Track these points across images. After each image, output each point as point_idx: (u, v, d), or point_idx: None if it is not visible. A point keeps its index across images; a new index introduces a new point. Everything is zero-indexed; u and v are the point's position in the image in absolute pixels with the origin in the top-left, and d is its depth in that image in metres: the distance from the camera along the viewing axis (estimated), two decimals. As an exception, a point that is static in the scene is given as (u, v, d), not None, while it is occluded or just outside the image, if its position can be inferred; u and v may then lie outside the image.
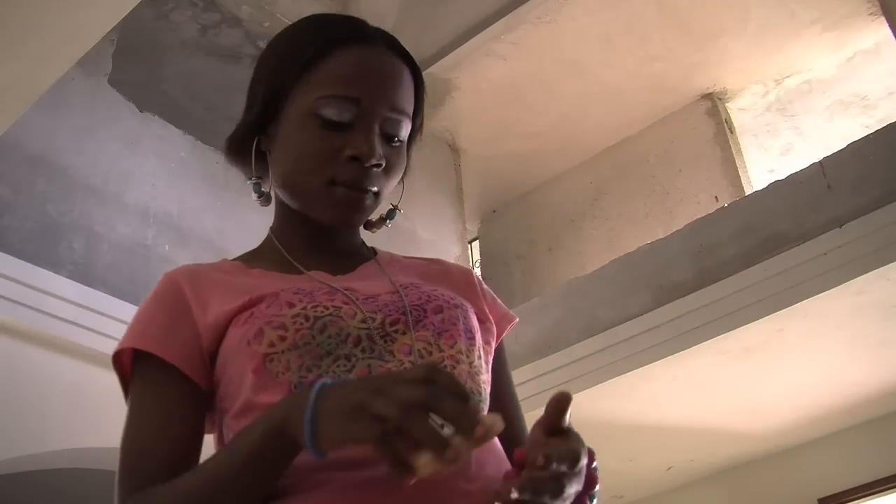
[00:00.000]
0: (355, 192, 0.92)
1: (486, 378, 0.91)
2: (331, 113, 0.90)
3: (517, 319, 1.04)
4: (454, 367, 0.87)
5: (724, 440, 3.84)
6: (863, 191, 2.99)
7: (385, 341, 0.86)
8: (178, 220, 3.53)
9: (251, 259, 1.00)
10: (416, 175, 1.17)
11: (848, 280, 2.90)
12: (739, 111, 5.04)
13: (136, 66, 4.55)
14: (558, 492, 0.71)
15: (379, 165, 0.91)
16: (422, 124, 1.01)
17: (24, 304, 2.78)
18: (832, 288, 2.93)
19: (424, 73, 1.02)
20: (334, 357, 0.83)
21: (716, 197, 4.57)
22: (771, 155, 5.34)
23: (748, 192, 4.41)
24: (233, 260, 1.00)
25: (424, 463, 0.66)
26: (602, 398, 3.39)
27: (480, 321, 0.96)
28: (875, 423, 3.79)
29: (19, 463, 2.80)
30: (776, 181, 3.36)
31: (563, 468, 0.72)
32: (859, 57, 4.76)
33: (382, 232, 1.08)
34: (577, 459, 0.73)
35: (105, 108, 3.50)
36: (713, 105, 4.94)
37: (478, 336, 0.93)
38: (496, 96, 4.80)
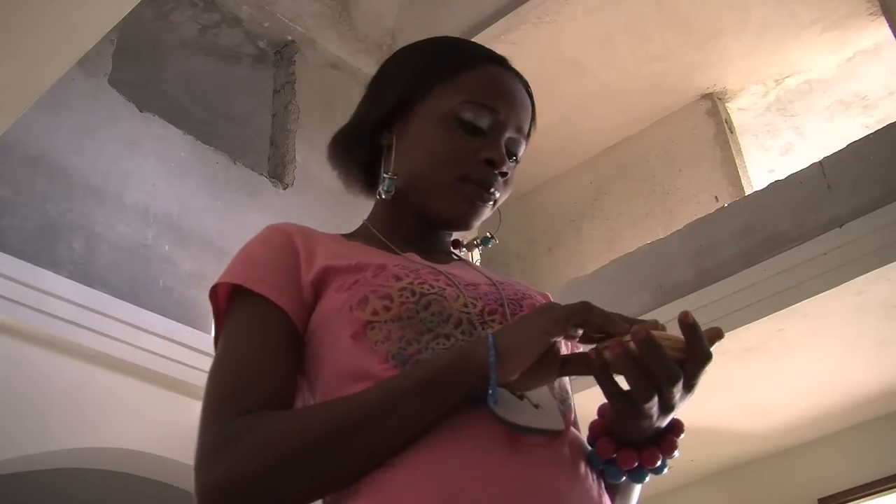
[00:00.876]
0: (483, 191, 0.97)
1: (569, 385, 0.95)
2: (471, 117, 0.97)
3: None
4: None
5: (724, 440, 3.84)
6: (863, 191, 2.99)
7: (482, 328, 0.88)
8: (178, 220, 3.53)
9: (354, 237, 1.03)
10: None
11: (848, 280, 2.90)
12: (739, 111, 5.04)
13: (136, 66, 4.55)
14: (673, 376, 0.75)
15: (505, 174, 0.98)
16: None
17: (24, 304, 2.78)
18: (832, 288, 2.93)
19: None
20: (434, 335, 0.85)
21: (716, 197, 4.57)
22: (771, 155, 5.34)
23: (748, 192, 4.41)
24: (346, 236, 1.04)
25: (611, 345, 0.75)
26: (602, 398, 3.38)
27: None
28: (875, 423, 3.78)
29: (19, 463, 2.80)
30: (776, 181, 3.36)
31: (699, 361, 0.76)
32: (859, 57, 4.76)
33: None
34: (705, 361, 0.76)
35: (105, 108, 3.50)
36: (713, 105, 4.94)
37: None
38: (496, 96, 4.79)
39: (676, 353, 0.76)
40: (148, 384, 3.06)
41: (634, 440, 0.83)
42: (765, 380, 3.43)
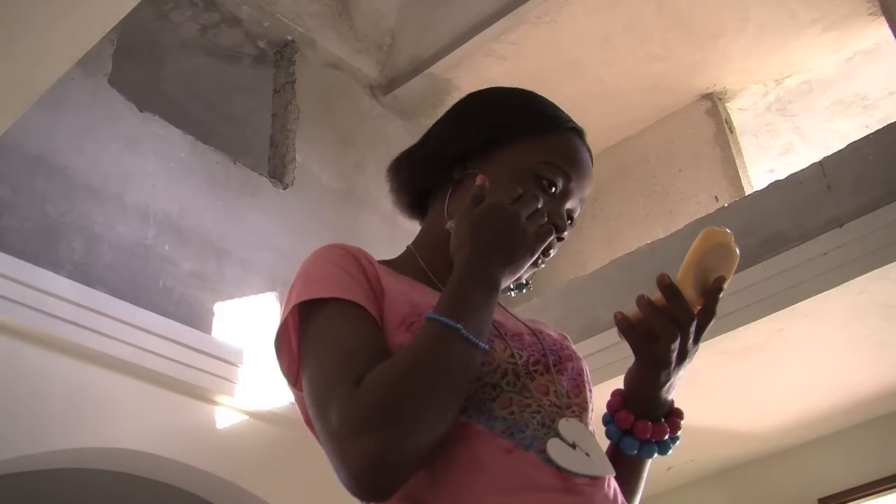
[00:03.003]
0: (546, 252, 1.05)
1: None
2: (548, 176, 1.03)
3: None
4: (580, 416, 0.96)
5: (724, 440, 3.84)
6: (863, 191, 2.99)
7: (527, 378, 0.94)
8: (178, 220, 3.53)
9: (395, 266, 1.05)
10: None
11: (848, 280, 2.90)
12: (739, 111, 5.04)
13: (136, 66, 4.55)
14: (689, 328, 0.94)
15: (562, 239, 1.06)
16: None
17: (24, 304, 2.78)
18: (832, 288, 2.93)
19: (424, 74, 1.08)
20: (482, 383, 0.90)
21: (716, 197, 4.57)
22: (771, 155, 5.33)
23: (748, 192, 4.41)
24: (384, 262, 1.05)
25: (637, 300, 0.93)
26: (602, 398, 3.38)
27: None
28: (875, 423, 3.78)
29: (19, 463, 2.79)
30: (776, 181, 3.36)
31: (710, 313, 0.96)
32: (859, 57, 4.76)
33: (384, 232, 1.11)
34: (711, 317, 0.97)
35: (105, 108, 3.50)
36: (713, 105, 4.93)
37: (592, 389, 1.05)
38: (496, 96, 4.79)
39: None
40: (148, 384, 3.06)
41: (648, 415, 1.00)
42: (765, 380, 3.43)
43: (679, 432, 1.02)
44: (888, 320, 3.12)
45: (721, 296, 0.96)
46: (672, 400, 1.03)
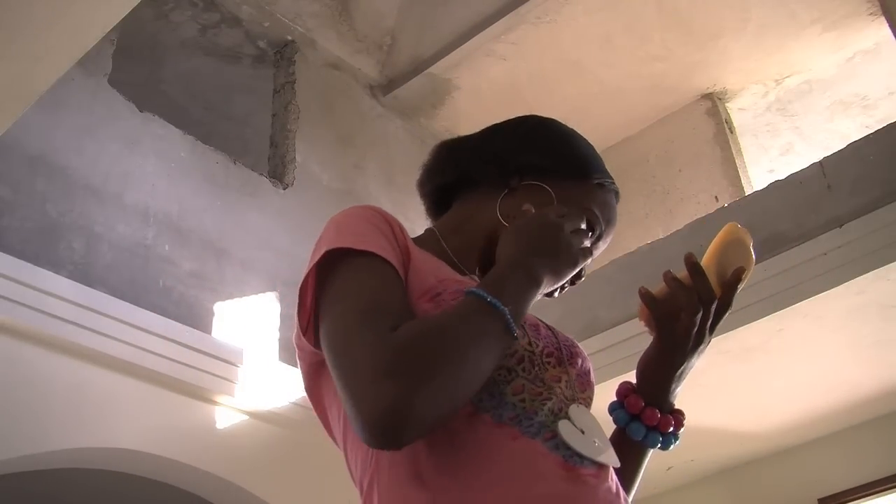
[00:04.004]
0: (572, 280, 1.07)
1: None
2: (592, 220, 1.12)
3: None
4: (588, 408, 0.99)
5: (724, 440, 3.84)
6: (863, 191, 2.99)
7: (541, 368, 0.95)
8: (178, 220, 3.53)
9: (420, 243, 1.05)
10: (417, 175, 1.19)
11: (848, 280, 2.90)
12: (739, 111, 5.04)
13: (136, 66, 4.55)
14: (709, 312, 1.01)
15: (581, 277, 1.08)
16: None
17: (24, 304, 2.78)
18: (832, 288, 2.93)
19: (424, 74, 1.10)
20: (498, 366, 0.90)
21: (716, 197, 4.57)
22: (771, 155, 5.33)
23: (748, 192, 4.41)
24: (414, 239, 1.07)
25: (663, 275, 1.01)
26: (601, 398, 3.38)
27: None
28: (875, 423, 3.78)
29: (19, 463, 2.79)
30: (776, 181, 3.36)
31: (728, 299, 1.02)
32: (859, 57, 4.76)
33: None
34: (727, 308, 1.04)
35: (105, 108, 3.50)
36: (713, 105, 4.93)
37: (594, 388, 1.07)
38: (496, 96, 4.79)
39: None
40: (148, 384, 3.06)
41: (657, 403, 1.05)
42: (765, 380, 3.43)
43: (681, 430, 1.06)
44: (888, 320, 3.12)
45: (741, 288, 1.01)
46: (674, 403, 1.08)
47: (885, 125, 3.25)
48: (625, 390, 1.07)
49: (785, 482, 3.95)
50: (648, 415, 1.04)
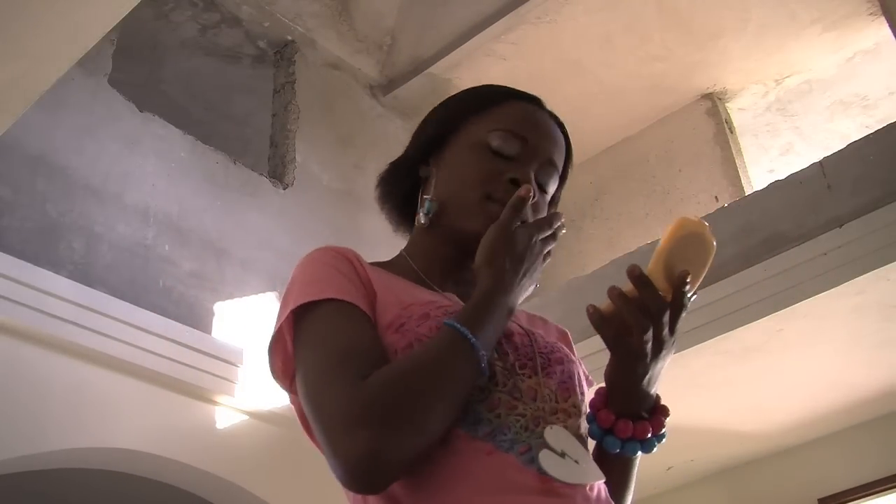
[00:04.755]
0: None
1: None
2: (500, 144, 1.03)
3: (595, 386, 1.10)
4: (566, 421, 0.94)
5: (724, 440, 3.84)
6: (863, 191, 2.99)
7: (516, 380, 0.93)
8: (178, 220, 3.53)
9: (394, 269, 1.05)
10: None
11: (848, 280, 2.90)
12: (739, 111, 5.04)
13: (136, 66, 4.55)
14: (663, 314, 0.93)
15: (532, 197, 0.99)
16: (558, 200, 1.15)
17: (24, 304, 2.78)
18: (832, 288, 2.93)
19: (424, 74, 1.09)
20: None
21: (716, 197, 4.57)
22: (771, 155, 5.33)
23: (748, 192, 4.41)
24: (376, 263, 1.06)
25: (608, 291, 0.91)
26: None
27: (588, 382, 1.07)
28: (875, 423, 3.78)
29: (19, 463, 2.79)
30: (776, 181, 3.35)
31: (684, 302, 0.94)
32: (859, 57, 4.76)
33: (384, 232, 1.12)
34: (681, 309, 0.95)
35: (105, 108, 3.50)
36: (713, 105, 4.93)
37: (586, 393, 1.03)
38: (496, 96, 4.79)
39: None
40: (148, 384, 3.06)
41: (630, 412, 0.97)
42: (765, 380, 3.43)
43: (663, 430, 0.99)
44: (888, 320, 3.12)
45: (689, 288, 0.94)
46: (657, 396, 1.01)
47: (885, 125, 3.25)
48: (597, 401, 1.00)
49: (785, 482, 3.95)
50: (621, 428, 0.97)
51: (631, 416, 0.98)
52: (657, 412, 0.99)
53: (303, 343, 0.92)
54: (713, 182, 4.69)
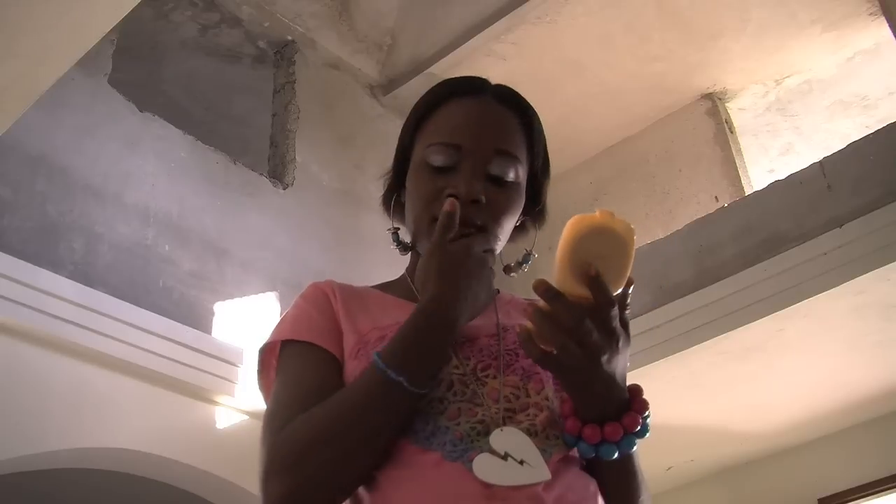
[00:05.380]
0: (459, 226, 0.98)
1: None
2: (436, 159, 1.00)
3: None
4: (537, 415, 0.92)
5: (724, 440, 3.84)
6: (863, 191, 2.99)
7: (477, 385, 0.92)
8: (178, 220, 3.53)
9: (388, 289, 1.08)
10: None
11: (848, 280, 2.90)
12: (739, 111, 5.04)
13: (136, 66, 4.55)
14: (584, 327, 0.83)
15: (477, 202, 0.98)
16: (547, 166, 1.11)
17: (24, 304, 2.78)
18: (832, 288, 2.93)
19: (424, 73, 1.08)
20: (428, 399, 0.90)
21: (716, 197, 4.57)
22: (771, 155, 5.33)
23: (748, 192, 4.41)
24: (376, 287, 1.09)
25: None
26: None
27: None
28: (875, 423, 3.78)
29: (19, 463, 2.79)
30: (776, 181, 3.36)
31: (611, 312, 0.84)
32: (859, 57, 4.76)
33: (384, 232, 1.12)
34: (606, 305, 0.84)
35: (105, 108, 3.50)
36: (713, 105, 4.93)
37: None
38: (496, 96, 4.79)
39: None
40: (148, 384, 3.06)
41: (597, 416, 0.89)
42: (765, 380, 3.43)
43: (640, 427, 0.91)
44: (888, 320, 3.12)
45: (614, 281, 0.85)
46: (636, 388, 0.93)
47: (885, 125, 3.26)
48: (565, 411, 0.93)
49: (785, 482, 3.95)
50: (588, 434, 0.90)
51: (599, 420, 0.90)
52: (631, 409, 0.91)
53: (264, 388, 1.01)
54: (713, 182, 4.69)
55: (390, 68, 4.91)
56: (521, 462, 0.87)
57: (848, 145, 3.20)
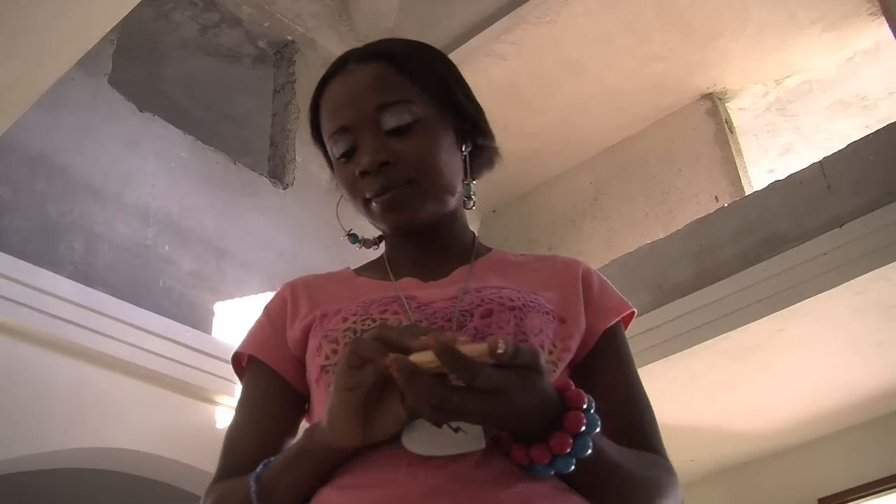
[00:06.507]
0: (384, 197, 0.96)
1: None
2: (337, 150, 0.99)
3: (633, 310, 1.01)
4: None
5: (724, 440, 3.84)
6: (863, 191, 2.99)
7: None
8: (178, 220, 3.53)
9: (363, 270, 1.08)
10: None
11: (848, 280, 2.90)
12: (739, 111, 5.04)
13: (136, 66, 4.55)
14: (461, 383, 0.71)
15: (386, 163, 0.95)
16: (452, 79, 1.03)
17: (24, 304, 2.78)
18: (832, 288, 2.93)
19: None
20: (385, 379, 0.83)
21: (716, 197, 4.57)
22: (771, 155, 5.33)
23: (748, 192, 4.41)
24: (354, 269, 1.08)
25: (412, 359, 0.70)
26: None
27: (561, 319, 0.94)
28: (875, 423, 3.78)
29: (19, 463, 2.79)
30: (776, 181, 3.36)
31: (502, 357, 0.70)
32: (859, 57, 4.76)
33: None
34: (464, 372, 0.70)
35: (105, 108, 3.50)
36: (713, 105, 4.94)
37: (538, 337, 0.90)
38: (496, 96, 4.79)
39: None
40: (148, 384, 3.06)
41: (527, 436, 0.77)
42: (765, 380, 3.43)
43: (570, 450, 0.76)
44: (888, 320, 3.12)
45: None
46: (565, 408, 0.77)
47: (885, 125, 3.26)
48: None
49: (785, 482, 3.95)
50: (516, 455, 0.79)
51: (526, 442, 0.78)
52: (559, 430, 0.76)
53: None
54: (713, 182, 4.69)
55: (390, 68, 4.91)
56: (457, 429, 0.78)
57: (848, 145, 3.20)
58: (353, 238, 1.09)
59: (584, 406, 0.77)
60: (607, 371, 0.98)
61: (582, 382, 0.88)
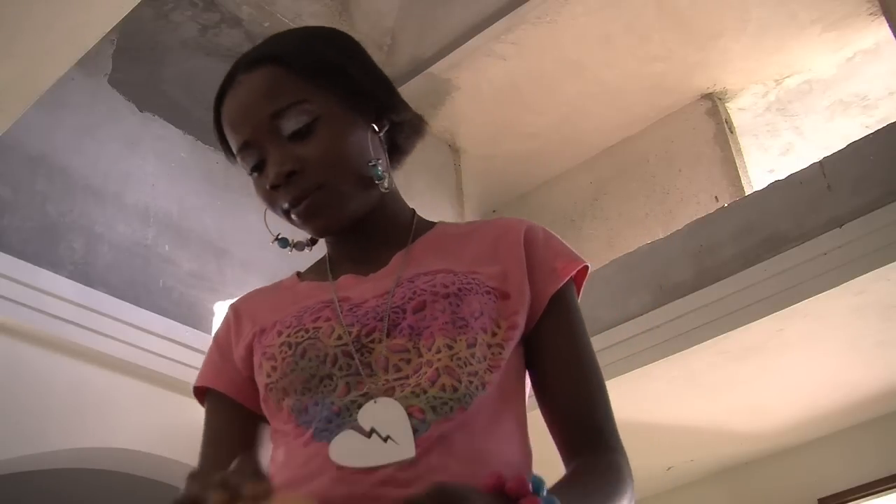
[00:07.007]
0: (299, 208, 0.94)
1: (485, 366, 0.85)
2: (247, 166, 0.96)
3: (585, 265, 0.95)
4: (426, 373, 0.83)
5: (724, 440, 3.84)
6: (863, 191, 2.99)
7: (362, 354, 0.85)
8: (178, 220, 3.53)
9: (307, 272, 1.07)
10: (416, 175, 1.19)
11: (848, 280, 2.90)
12: (739, 111, 5.04)
13: (136, 66, 4.55)
14: None
15: (293, 173, 0.91)
16: (347, 75, 0.96)
17: (24, 304, 2.78)
18: (832, 288, 2.93)
19: (424, 74, 1.05)
20: (319, 378, 0.86)
21: (716, 197, 4.57)
22: (771, 155, 5.33)
23: (748, 192, 4.41)
24: (299, 273, 1.08)
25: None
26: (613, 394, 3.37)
27: (504, 295, 0.90)
28: (875, 423, 3.78)
29: (19, 463, 2.80)
30: (776, 181, 3.36)
31: None
32: (859, 57, 4.76)
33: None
34: None
35: (105, 108, 3.50)
36: (713, 105, 4.93)
37: (477, 321, 0.86)
38: (496, 96, 4.80)
39: None
40: (148, 384, 3.06)
41: None
42: (765, 380, 3.43)
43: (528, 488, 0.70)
44: (888, 320, 3.12)
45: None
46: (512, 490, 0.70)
47: (885, 125, 3.26)
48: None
49: (785, 482, 3.95)
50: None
51: None
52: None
53: None
54: (713, 182, 4.69)
55: (390, 68, 4.90)
56: (387, 439, 0.78)
57: (848, 145, 3.20)
58: (284, 242, 1.05)
59: (530, 489, 0.69)
60: (555, 344, 0.91)
61: (532, 356, 0.91)
